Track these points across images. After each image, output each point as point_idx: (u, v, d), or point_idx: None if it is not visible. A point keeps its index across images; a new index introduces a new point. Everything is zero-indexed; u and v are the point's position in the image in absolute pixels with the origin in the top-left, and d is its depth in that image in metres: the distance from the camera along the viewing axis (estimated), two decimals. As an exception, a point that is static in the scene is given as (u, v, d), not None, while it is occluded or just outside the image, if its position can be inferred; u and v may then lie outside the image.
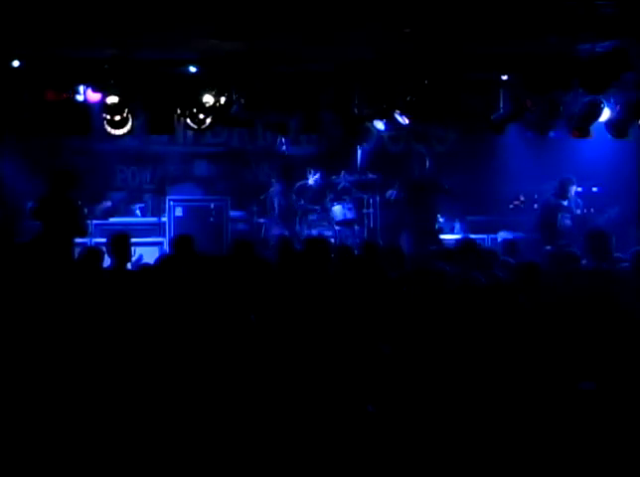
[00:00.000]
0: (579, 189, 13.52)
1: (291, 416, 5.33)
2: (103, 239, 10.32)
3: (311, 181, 14.12)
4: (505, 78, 12.23)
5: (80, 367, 5.80)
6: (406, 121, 12.62)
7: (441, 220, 14.05)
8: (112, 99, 11.54)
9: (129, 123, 12.02)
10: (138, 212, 14.70)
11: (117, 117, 11.85)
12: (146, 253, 11.68)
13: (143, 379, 5.69)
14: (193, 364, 5.82)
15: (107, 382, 5.64)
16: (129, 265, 9.36)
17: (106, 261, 9.20)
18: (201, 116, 12.04)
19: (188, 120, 12.14)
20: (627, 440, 5.04)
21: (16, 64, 11.11)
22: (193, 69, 11.59)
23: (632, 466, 4.94)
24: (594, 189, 14.18)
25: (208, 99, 11.76)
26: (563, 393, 5.37)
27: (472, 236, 12.81)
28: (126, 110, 11.82)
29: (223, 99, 11.91)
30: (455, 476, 5.01)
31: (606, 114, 12.29)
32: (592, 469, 4.95)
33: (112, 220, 13.76)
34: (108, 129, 12.02)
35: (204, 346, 6.04)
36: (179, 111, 12.06)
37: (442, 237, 13.38)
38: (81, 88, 11.72)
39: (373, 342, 6.25)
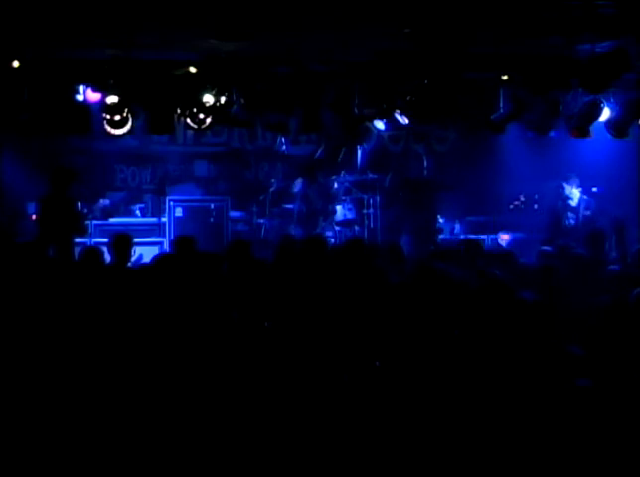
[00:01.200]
0: (580, 189, 13.50)
1: (285, 415, 5.33)
2: (104, 239, 10.32)
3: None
4: (505, 77, 12.22)
5: (79, 366, 5.81)
6: (406, 121, 12.61)
7: (441, 220, 14.07)
8: (112, 99, 11.53)
9: (129, 123, 12.00)
10: (138, 212, 14.69)
11: (117, 117, 11.83)
12: (146, 253, 11.67)
13: (142, 378, 5.70)
14: (189, 362, 5.82)
15: (107, 382, 5.65)
16: (129, 265, 9.34)
17: (107, 261, 9.19)
18: (201, 116, 12.02)
19: (188, 120, 12.12)
20: (626, 439, 5.04)
21: (16, 64, 11.10)
22: (193, 69, 11.59)
23: (630, 465, 4.94)
24: (594, 189, 14.16)
25: (208, 99, 11.75)
26: (562, 390, 5.37)
27: (472, 236, 12.83)
28: (126, 110, 11.81)
29: (223, 99, 11.90)
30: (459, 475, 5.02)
31: (606, 114, 12.27)
32: (590, 469, 4.95)
33: (112, 220, 13.76)
34: (108, 129, 12.00)
35: (192, 344, 6.04)
36: (179, 111, 12.05)
37: (442, 237, 13.39)
38: (82, 88, 11.72)
39: (368, 341, 6.25)
